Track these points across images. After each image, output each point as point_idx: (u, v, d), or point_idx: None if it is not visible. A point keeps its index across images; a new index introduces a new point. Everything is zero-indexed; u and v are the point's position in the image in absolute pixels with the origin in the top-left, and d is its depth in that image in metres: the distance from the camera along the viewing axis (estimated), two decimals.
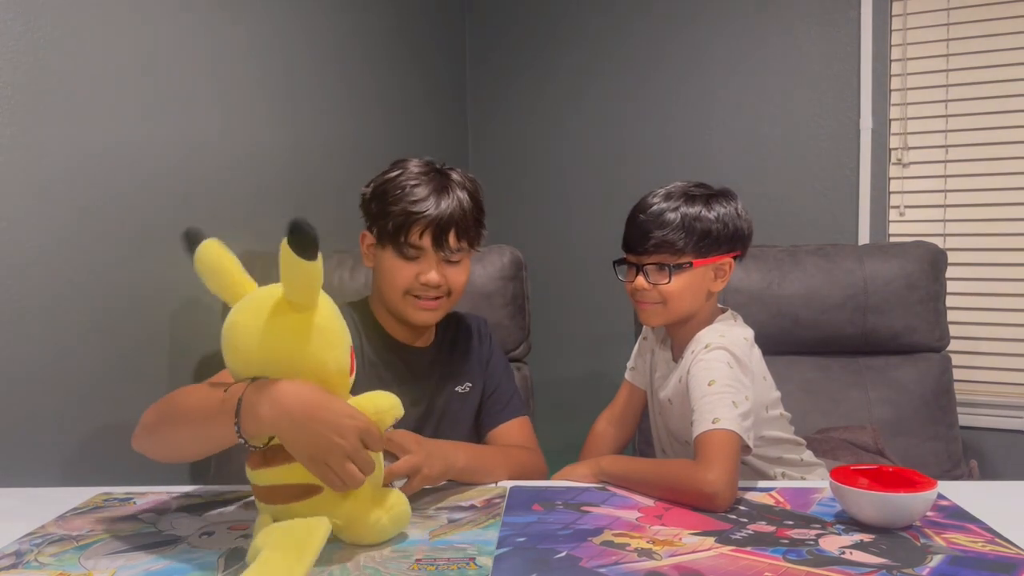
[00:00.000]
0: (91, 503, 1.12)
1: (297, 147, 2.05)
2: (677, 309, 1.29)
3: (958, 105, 2.34)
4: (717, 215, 1.27)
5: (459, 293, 1.28)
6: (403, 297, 1.24)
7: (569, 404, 2.79)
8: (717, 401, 1.17)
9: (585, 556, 0.90)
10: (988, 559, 0.88)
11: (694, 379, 1.21)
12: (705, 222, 1.26)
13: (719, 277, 1.31)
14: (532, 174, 2.90)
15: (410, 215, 1.20)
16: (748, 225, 1.32)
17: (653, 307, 1.30)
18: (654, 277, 1.28)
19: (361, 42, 2.33)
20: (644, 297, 1.30)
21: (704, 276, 1.29)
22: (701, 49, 2.63)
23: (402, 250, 1.22)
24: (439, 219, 1.20)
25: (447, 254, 1.23)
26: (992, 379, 2.32)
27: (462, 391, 1.35)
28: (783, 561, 0.88)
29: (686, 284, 1.27)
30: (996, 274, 2.31)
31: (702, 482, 1.07)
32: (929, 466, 1.69)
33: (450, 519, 1.02)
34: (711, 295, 1.32)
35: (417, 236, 1.21)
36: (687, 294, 1.28)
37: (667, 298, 1.28)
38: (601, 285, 2.83)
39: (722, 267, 1.30)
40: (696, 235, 1.26)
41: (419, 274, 1.22)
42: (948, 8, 2.32)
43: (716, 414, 1.15)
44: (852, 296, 1.81)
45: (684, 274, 1.27)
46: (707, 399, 1.17)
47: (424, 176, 1.24)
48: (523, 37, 2.88)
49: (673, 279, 1.27)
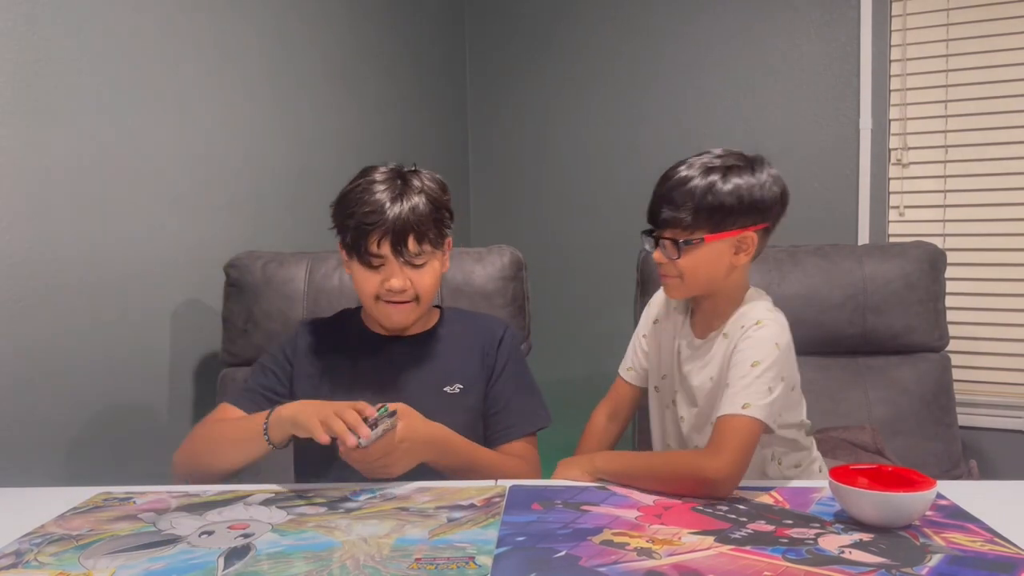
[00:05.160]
0: (91, 503, 1.12)
1: (297, 147, 2.05)
2: (693, 284, 1.27)
3: (957, 105, 2.34)
4: (733, 187, 1.22)
5: (429, 295, 1.29)
6: (375, 303, 1.28)
7: (569, 404, 2.79)
8: (755, 385, 1.16)
9: (584, 555, 0.90)
10: (987, 559, 0.88)
11: (740, 354, 1.20)
12: (718, 196, 1.21)
13: (741, 251, 1.25)
14: (532, 174, 2.91)
15: (363, 225, 1.21)
16: (774, 195, 1.25)
17: (672, 280, 1.27)
18: (668, 251, 1.25)
19: (361, 43, 2.33)
20: (663, 270, 1.28)
21: (721, 251, 1.24)
22: (701, 49, 2.64)
23: (364, 259, 1.23)
24: (394, 226, 1.21)
25: (408, 259, 1.24)
26: (992, 379, 2.33)
27: (451, 391, 1.32)
28: (782, 560, 0.88)
29: (701, 259, 1.24)
30: (996, 274, 2.31)
31: (707, 468, 1.08)
32: (928, 466, 1.69)
33: (450, 518, 1.02)
34: (734, 269, 1.27)
35: (375, 245, 1.22)
36: (701, 270, 1.25)
37: (682, 272, 1.25)
38: (601, 285, 2.84)
39: (744, 240, 1.25)
40: (706, 210, 1.21)
41: (383, 281, 1.24)
42: (948, 8, 2.33)
43: (749, 399, 1.15)
44: (852, 296, 1.81)
45: (697, 249, 1.23)
46: (745, 380, 1.17)
47: (383, 184, 1.24)
48: (523, 38, 2.89)
49: (684, 255, 1.23)
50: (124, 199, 1.56)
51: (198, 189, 1.74)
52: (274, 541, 0.95)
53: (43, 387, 1.41)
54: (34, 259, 1.39)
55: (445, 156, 2.85)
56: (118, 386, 1.56)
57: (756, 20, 2.55)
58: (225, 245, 1.79)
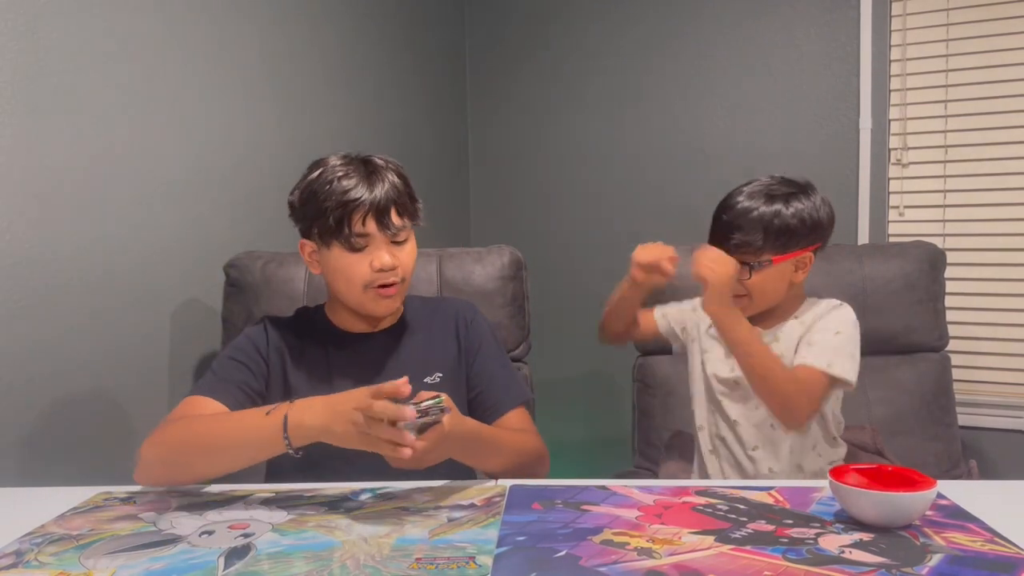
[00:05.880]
0: (91, 503, 1.12)
1: (297, 147, 2.05)
2: (761, 301, 1.40)
3: (957, 105, 2.34)
4: (795, 212, 1.36)
5: (410, 275, 1.30)
6: (363, 291, 1.26)
7: (569, 404, 2.79)
8: (840, 348, 1.34)
9: (585, 555, 0.90)
10: (987, 558, 0.88)
11: (823, 322, 1.38)
12: (784, 220, 1.35)
13: (800, 269, 1.41)
14: (532, 174, 2.91)
15: (347, 204, 1.21)
16: (828, 216, 1.41)
17: (739, 300, 1.38)
18: (739, 274, 1.36)
19: (361, 43, 2.33)
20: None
21: (784, 270, 1.39)
22: (701, 49, 2.64)
23: (349, 241, 1.22)
24: (376, 201, 1.22)
25: (393, 233, 1.24)
26: (992, 379, 2.33)
27: (431, 382, 1.31)
28: (783, 560, 0.88)
29: (767, 279, 1.38)
30: (995, 274, 2.31)
31: (796, 405, 1.30)
32: (928, 466, 1.69)
33: (450, 518, 1.02)
34: (792, 285, 1.42)
35: (360, 223, 1.22)
36: (768, 288, 1.39)
37: (750, 291, 1.38)
38: (601, 285, 2.84)
39: (802, 260, 1.40)
40: (774, 234, 1.35)
41: (371, 262, 1.23)
42: (948, 8, 2.33)
43: (832, 359, 1.32)
44: (851, 296, 1.80)
45: (766, 270, 1.37)
46: (831, 342, 1.34)
47: (348, 167, 1.24)
48: (523, 37, 2.89)
49: (753, 276, 1.37)
50: (124, 199, 1.56)
51: (198, 189, 1.74)
52: (274, 541, 0.95)
53: (43, 387, 1.41)
54: (34, 259, 1.39)
55: (445, 156, 2.85)
56: (118, 386, 1.56)
57: (756, 20, 2.56)
58: (225, 245, 1.79)
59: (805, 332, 1.39)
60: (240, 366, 1.28)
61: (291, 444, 1.06)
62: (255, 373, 1.28)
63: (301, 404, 1.08)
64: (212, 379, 1.26)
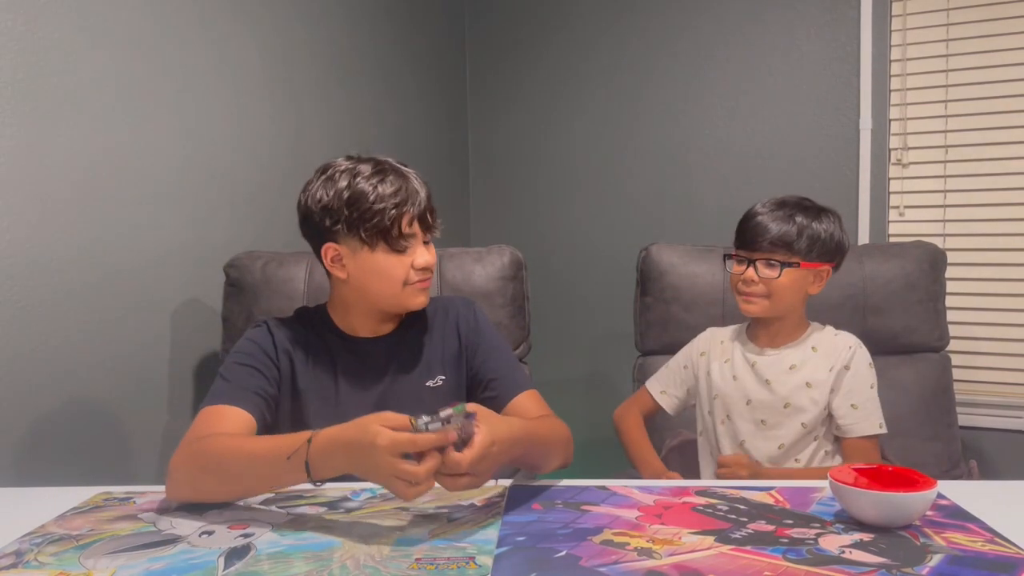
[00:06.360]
0: (91, 503, 1.12)
1: (297, 147, 2.05)
2: (779, 303, 1.44)
3: (957, 105, 2.34)
4: (826, 226, 1.44)
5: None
6: (403, 289, 1.27)
7: (569, 404, 2.79)
8: (877, 400, 1.45)
9: (585, 555, 0.90)
10: (988, 558, 0.88)
11: (857, 378, 1.45)
12: (816, 230, 1.42)
13: (816, 282, 1.46)
14: (532, 174, 2.91)
15: (399, 206, 1.23)
16: (847, 242, 1.48)
17: (758, 299, 1.44)
18: (763, 271, 1.42)
19: (361, 43, 2.33)
20: (751, 288, 1.44)
21: (806, 278, 1.44)
22: (701, 50, 2.63)
23: (395, 244, 1.24)
24: (421, 203, 1.26)
25: (432, 232, 1.29)
26: (992, 379, 2.33)
27: (434, 385, 1.32)
28: (783, 560, 0.88)
29: (792, 281, 1.42)
30: (996, 274, 2.31)
31: None
32: (929, 466, 1.69)
33: (450, 518, 1.02)
34: (805, 297, 1.48)
35: (408, 225, 1.24)
36: (789, 291, 1.43)
37: (773, 291, 1.43)
38: (601, 285, 2.84)
39: (821, 273, 1.45)
40: (806, 239, 1.41)
41: (413, 261, 1.26)
42: (948, 8, 2.33)
43: (879, 418, 1.44)
44: (851, 296, 1.81)
45: (792, 272, 1.42)
46: (872, 400, 1.45)
47: (379, 172, 1.25)
48: (523, 37, 2.89)
49: (783, 274, 1.41)
50: (124, 199, 1.56)
51: (198, 189, 1.74)
52: (274, 541, 0.95)
53: (43, 387, 1.41)
54: (34, 259, 1.39)
55: (445, 156, 2.85)
56: (118, 386, 1.56)
57: (756, 20, 2.55)
58: (225, 245, 1.79)
59: (836, 380, 1.45)
60: (253, 371, 1.25)
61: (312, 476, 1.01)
62: (268, 378, 1.26)
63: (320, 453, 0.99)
64: (227, 387, 1.22)
